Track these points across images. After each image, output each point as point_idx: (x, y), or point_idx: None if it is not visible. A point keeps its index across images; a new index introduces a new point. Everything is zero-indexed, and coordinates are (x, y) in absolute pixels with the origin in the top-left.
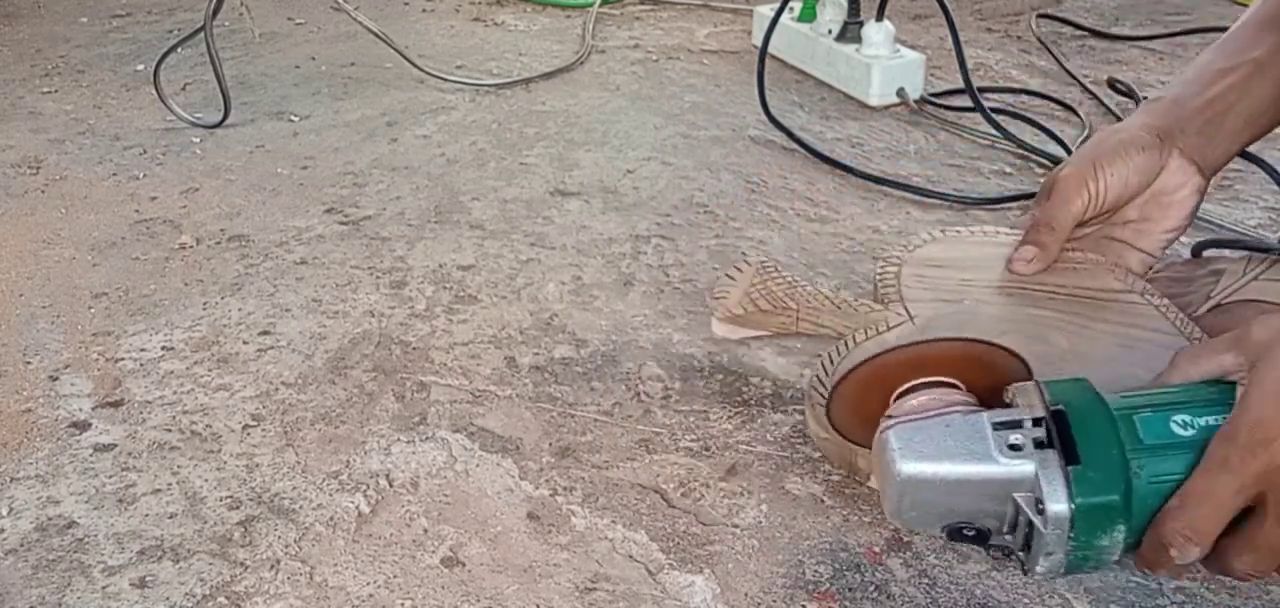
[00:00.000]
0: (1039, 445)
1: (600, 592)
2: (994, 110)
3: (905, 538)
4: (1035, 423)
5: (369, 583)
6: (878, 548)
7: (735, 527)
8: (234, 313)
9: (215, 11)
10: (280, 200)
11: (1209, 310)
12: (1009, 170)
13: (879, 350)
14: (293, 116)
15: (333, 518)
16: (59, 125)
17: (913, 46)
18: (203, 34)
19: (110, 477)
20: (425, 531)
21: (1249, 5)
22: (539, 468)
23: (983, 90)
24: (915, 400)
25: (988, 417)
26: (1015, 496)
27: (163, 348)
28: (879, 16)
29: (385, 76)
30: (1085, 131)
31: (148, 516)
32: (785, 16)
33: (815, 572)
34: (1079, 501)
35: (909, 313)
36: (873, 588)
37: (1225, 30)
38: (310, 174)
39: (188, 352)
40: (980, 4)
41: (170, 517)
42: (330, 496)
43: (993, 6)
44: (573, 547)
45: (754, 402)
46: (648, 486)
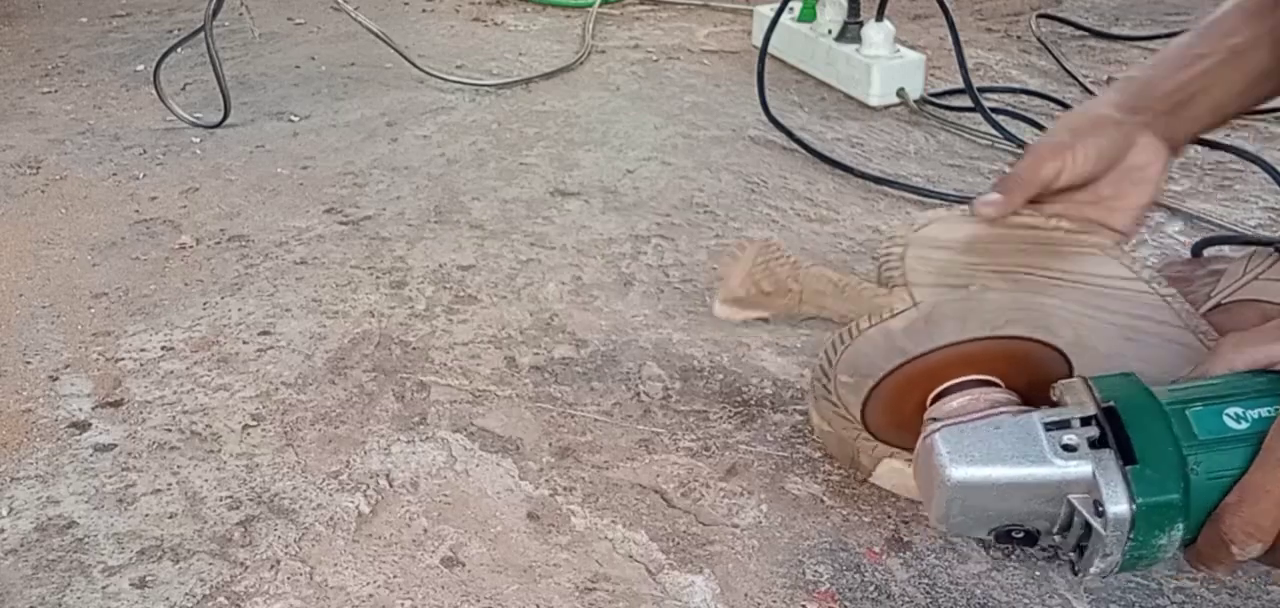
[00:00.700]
0: (1094, 445)
1: (600, 592)
2: (994, 110)
3: (905, 538)
4: (1084, 421)
5: (369, 583)
6: (878, 548)
7: (735, 527)
8: (234, 313)
9: (215, 11)
10: (280, 200)
11: (1209, 310)
12: (1009, 170)
13: (909, 352)
14: (293, 116)
15: (333, 518)
16: (59, 125)
17: (913, 46)
18: (203, 34)
19: (110, 477)
20: (425, 531)
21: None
22: (539, 468)
23: (983, 90)
24: (956, 401)
25: (1038, 417)
26: (1071, 497)
27: (163, 348)
28: (879, 16)
29: (385, 76)
30: None
31: (148, 516)
32: (785, 16)
33: (815, 572)
34: (1140, 501)
35: (913, 298)
36: (873, 588)
37: None
38: (310, 174)
39: (188, 352)
40: (980, 4)
41: (170, 517)
42: (330, 496)
43: (993, 6)
44: (573, 547)
45: (754, 402)
46: (648, 486)
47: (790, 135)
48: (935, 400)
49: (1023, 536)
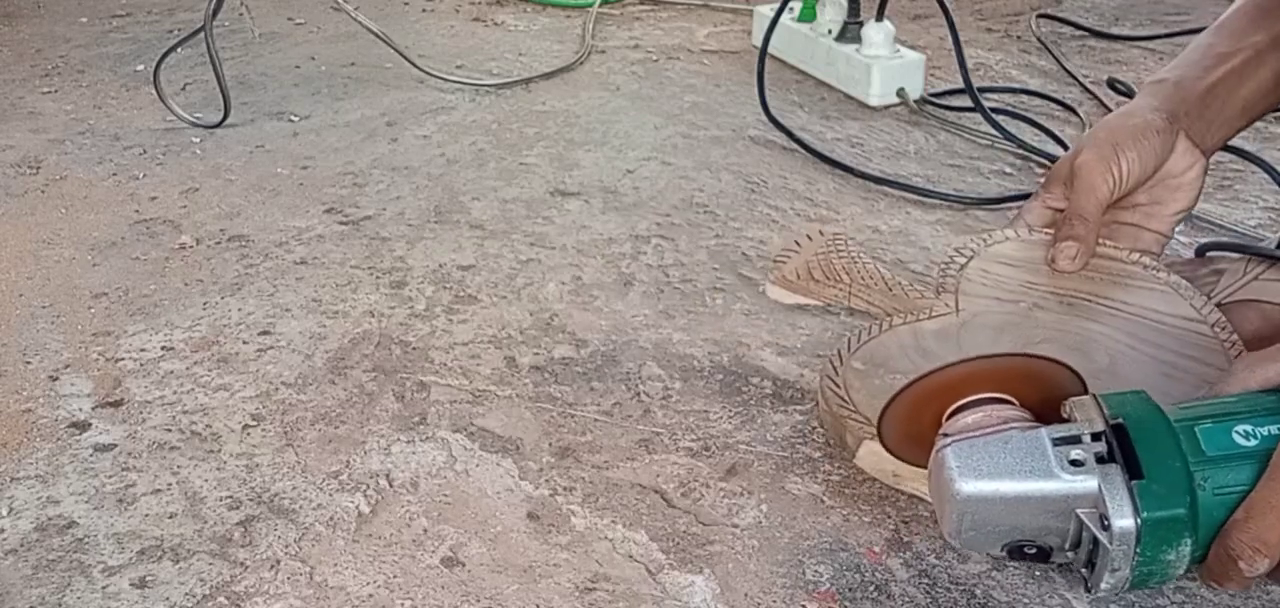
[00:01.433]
0: (1101, 460)
1: (600, 592)
2: (994, 110)
3: (905, 538)
4: (1094, 437)
5: (369, 583)
6: (878, 548)
7: (735, 527)
8: (234, 313)
9: (215, 11)
10: (280, 200)
11: None
12: (1009, 170)
13: (933, 356)
14: (293, 116)
15: (333, 518)
16: (59, 125)
17: (913, 46)
18: (203, 34)
19: (110, 477)
20: (425, 531)
21: None
22: (539, 468)
23: (983, 90)
24: (970, 417)
25: (1047, 432)
26: (1078, 512)
27: (163, 348)
28: (879, 16)
29: (385, 76)
30: (1085, 131)
31: (148, 516)
32: (785, 16)
33: (815, 572)
34: (1145, 515)
35: (957, 305)
36: (873, 588)
37: None
38: (310, 174)
39: (188, 352)
40: (980, 4)
41: (170, 517)
42: (330, 496)
43: (993, 6)
44: (573, 547)
45: (754, 402)
46: (648, 486)
47: (790, 135)
48: (950, 417)
49: (1035, 551)
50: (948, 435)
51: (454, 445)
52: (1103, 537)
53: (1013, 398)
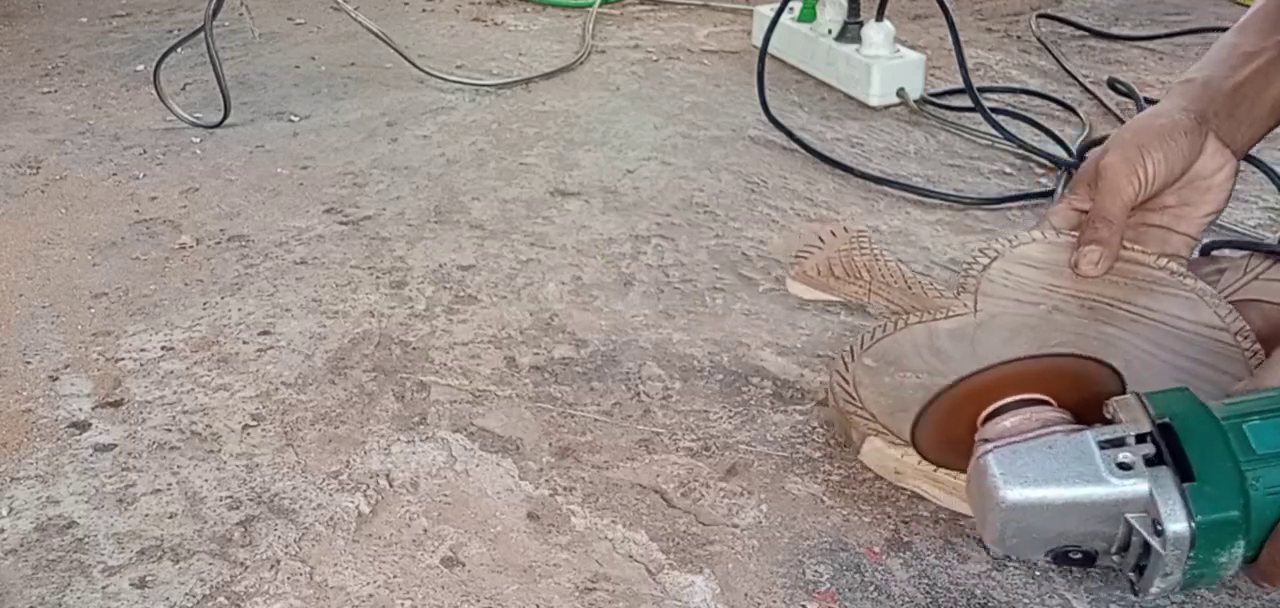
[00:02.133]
0: (1150, 462)
1: (600, 592)
2: (994, 110)
3: (905, 538)
4: (1139, 439)
5: (369, 583)
6: (878, 548)
7: (735, 527)
8: (234, 313)
9: (215, 11)
10: (280, 200)
11: None
12: (1009, 170)
13: (945, 356)
14: (293, 116)
15: (333, 518)
16: (59, 125)
17: (913, 46)
18: (203, 34)
19: (110, 477)
20: (425, 531)
21: (1249, 3)
22: (539, 468)
23: (983, 90)
24: (1008, 421)
25: (1092, 435)
26: (1128, 516)
27: (163, 348)
28: (879, 16)
29: (385, 76)
30: (1085, 131)
31: (148, 516)
32: (785, 16)
33: (815, 572)
34: (1199, 519)
35: (975, 306)
36: (873, 588)
37: (1226, 30)
38: (310, 174)
39: (188, 352)
40: (980, 4)
41: (170, 517)
42: (330, 496)
43: (993, 6)
44: (573, 547)
45: (754, 402)
46: (648, 486)
47: (790, 135)
48: (986, 420)
49: (1080, 556)
50: (988, 441)
51: (454, 446)
52: (1155, 542)
53: (1050, 398)
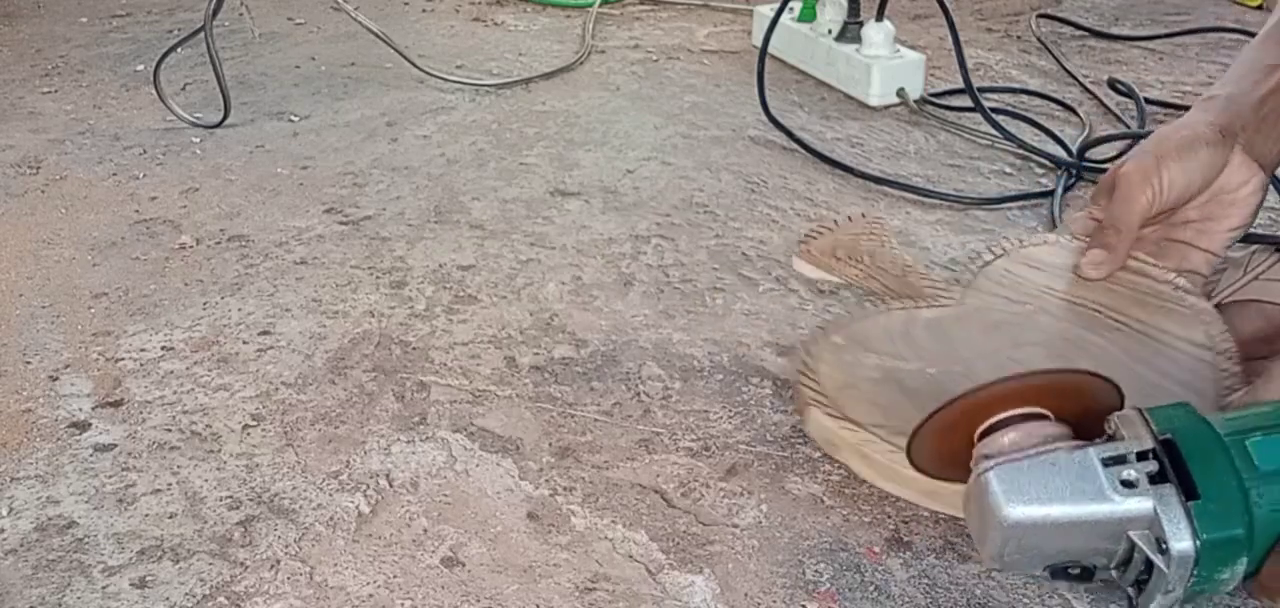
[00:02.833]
0: (1153, 480)
1: (600, 592)
2: (994, 110)
3: (905, 538)
4: (1141, 455)
5: (369, 583)
6: (878, 548)
7: (735, 527)
8: (234, 313)
9: (215, 11)
10: (280, 200)
11: None
12: (1009, 170)
13: (918, 346)
14: (293, 116)
15: (333, 518)
16: (59, 125)
17: (913, 46)
18: (203, 34)
19: (110, 477)
20: (425, 531)
21: (1251, 4)
22: (539, 468)
23: (983, 90)
24: (1007, 437)
25: (1095, 452)
26: (1131, 534)
27: (163, 348)
28: (879, 16)
29: (385, 76)
30: (1085, 131)
31: (148, 516)
32: (785, 16)
33: (815, 572)
34: (1204, 537)
35: (962, 298)
36: (873, 588)
37: (1226, 30)
38: (310, 174)
39: (188, 352)
40: (980, 4)
41: (170, 517)
42: (330, 496)
43: (993, 6)
44: (573, 547)
45: (754, 402)
46: (648, 486)
47: (790, 135)
48: (984, 436)
49: (1079, 572)
50: (989, 457)
51: (454, 445)
52: (1159, 560)
53: (1049, 412)
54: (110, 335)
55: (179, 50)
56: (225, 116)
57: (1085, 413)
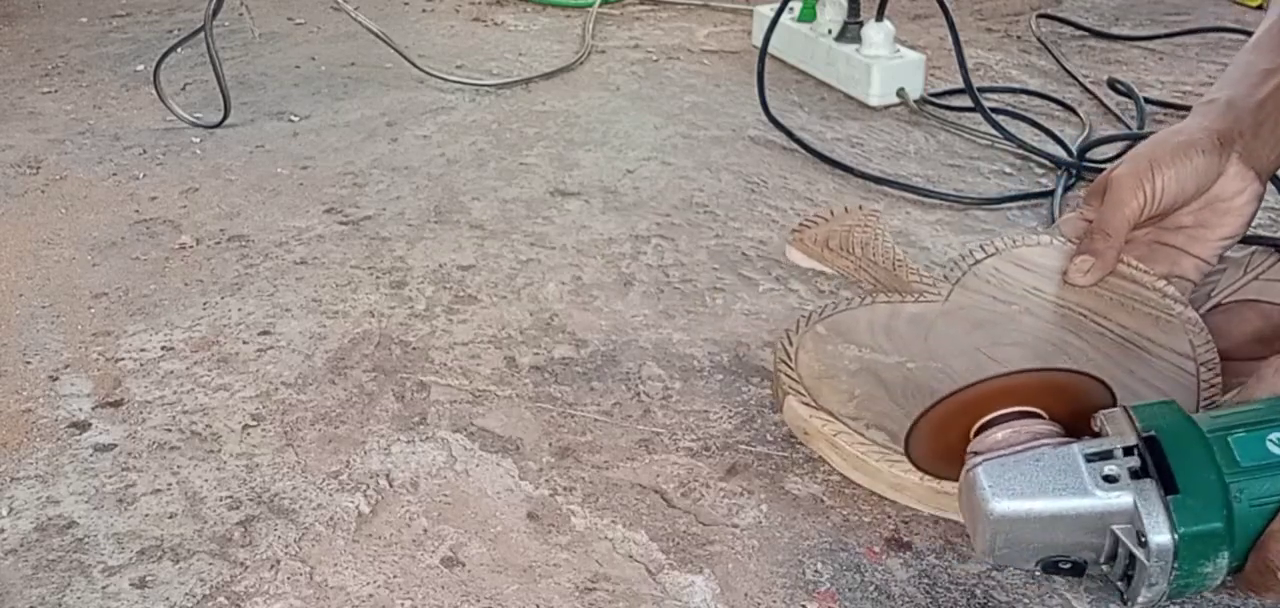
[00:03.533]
0: (1135, 475)
1: (600, 592)
2: (994, 110)
3: (905, 538)
4: (1126, 451)
5: (369, 583)
6: (878, 548)
7: (735, 527)
8: (234, 313)
9: (215, 11)
10: (280, 200)
11: (1209, 310)
12: (1009, 170)
13: (899, 339)
14: (293, 116)
15: (333, 518)
16: (59, 125)
17: (913, 46)
18: (203, 34)
19: (110, 477)
20: (425, 531)
21: (1251, 4)
22: (539, 468)
23: (983, 90)
24: (999, 434)
25: (1079, 448)
26: (1114, 528)
27: (163, 348)
28: (879, 16)
29: (385, 76)
30: (1085, 131)
31: (148, 516)
32: (785, 16)
33: (815, 572)
34: (1182, 531)
35: (948, 294)
36: (873, 588)
37: (1226, 30)
38: (310, 174)
39: (188, 352)
40: (980, 4)
41: (170, 517)
42: (330, 496)
43: (993, 6)
44: (573, 547)
45: (754, 402)
46: (648, 486)
47: (790, 135)
48: (978, 433)
49: (1070, 566)
50: (978, 453)
51: (454, 445)
52: (1139, 554)
53: (1042, 411)
54: (110, 335)
55: (179, 50)
56: (225, 117)
57: (1078, 412)
